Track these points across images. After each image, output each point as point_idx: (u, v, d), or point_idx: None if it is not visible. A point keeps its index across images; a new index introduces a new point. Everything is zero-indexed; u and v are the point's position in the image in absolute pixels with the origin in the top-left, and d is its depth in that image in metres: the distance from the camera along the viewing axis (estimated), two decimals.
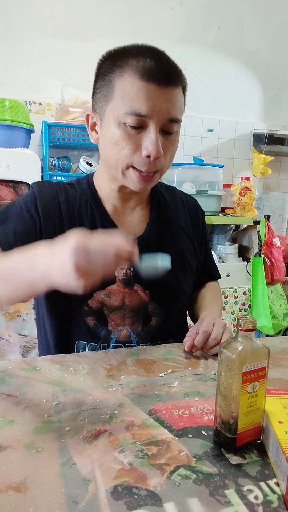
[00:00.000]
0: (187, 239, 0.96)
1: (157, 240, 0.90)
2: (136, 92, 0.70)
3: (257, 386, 0.49)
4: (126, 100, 0.71)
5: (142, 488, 0.43)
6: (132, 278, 0.86)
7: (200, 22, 2.60)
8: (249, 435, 0.50)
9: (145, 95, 0.70)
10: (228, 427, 0.49)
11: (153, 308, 0.88)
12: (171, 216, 0.94)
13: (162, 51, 0.75)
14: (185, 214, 0.98)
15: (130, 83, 0.70)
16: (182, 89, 0.76)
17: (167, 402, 0.60)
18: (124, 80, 0.71)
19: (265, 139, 2.66)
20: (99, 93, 0.77)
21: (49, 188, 0.85)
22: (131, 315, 0.87)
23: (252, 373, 0.48)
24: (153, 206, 0.92)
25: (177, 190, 1.02)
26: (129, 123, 0.71)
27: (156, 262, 0.67)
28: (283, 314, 2.35)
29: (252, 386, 0.49)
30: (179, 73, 0.75)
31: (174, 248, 0.91)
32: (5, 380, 0.67)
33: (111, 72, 0.73)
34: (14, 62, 2.29)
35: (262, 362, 0.49)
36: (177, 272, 0.91)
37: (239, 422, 0.49)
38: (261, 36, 2.75)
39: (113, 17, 2.40)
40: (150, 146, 0.71)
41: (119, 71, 0.72)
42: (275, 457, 0.47)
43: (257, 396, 0.49)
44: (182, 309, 0.98)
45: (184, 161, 2.62)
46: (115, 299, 0.86)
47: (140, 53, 0.71)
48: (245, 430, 0.49)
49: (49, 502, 0.41)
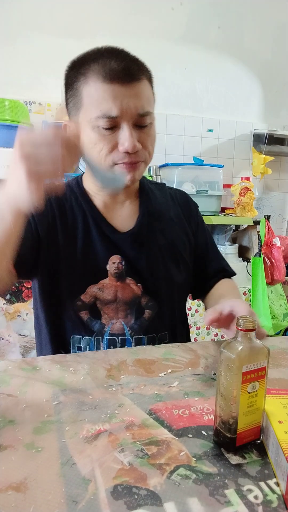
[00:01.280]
0: (179, 231, 0.96)
1: (148, 232, 0.91)
2: (102, 96, 0.73)
3: (257, 386, 0.49)
4: (95, 105, 0.74)
5: (142, 488, 0.43)
6: (124, 271, 0.87)
7: (200, 22, 2.60)
8: (249, 435, 0.50)
9: (111, 97, 0.72)
10: (228, 427, 0.49)
11: (146, 301, 0.89)
12: (161, 209, 0.95)
13: (122, 49, 0.77)
14: (175, 207, 0.98)
15: (95, 88, 0.73)
16: (147, 80, 0.78)
17: (167, 402, 0.61)
18: (89, 86, 0.74)
19: (265, 139, 2.66)
20: (70, 103, 0.80)
21: None
22: (124, 308, 0.88)
23: (252, 373, 0.48)
24: (142, 199, 0.93)
25: (166, 186, 1.03)
26: (102, 126, 0.74)
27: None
28: (283, 314, 2.35)
29: (252, 386, 0.49)
30: (140, 67, 0.77)
31: (165, 240, 0.92)
32: (5, 380, 0.67)
33: (77, 80, 0.76)
34: (14, 62, 2.29)
35: (262, 362, 0.49)
36: (168, 264, 0.92)
37: (239, 422, 0.49)
38: (261, 36, 2.75)
39: (113, 17, 2.40)
40: (125, 143, 0.74)
41: (83, 78, 0.75)
42: (275, 457, 0.47)
43: (257, 396, 0.49)
44: (178, 302, 0.97)
45: (184, 161, 2.62)
46: (107, 293, 0.87)
47: (100, 57, 0.74)
48: (245, 430, 0.50)
49: (49, 501, 0.41)
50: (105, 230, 0.88)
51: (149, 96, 0.79)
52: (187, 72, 2.64)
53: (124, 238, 0.88)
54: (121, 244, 0.88)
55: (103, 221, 0.88)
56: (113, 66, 0.72)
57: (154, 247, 0.91)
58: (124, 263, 0.87)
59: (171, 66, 2.58)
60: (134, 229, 0.89)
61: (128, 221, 0.90)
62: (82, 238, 0.86)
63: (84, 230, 0.87)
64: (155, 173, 2.41)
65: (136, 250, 0.89)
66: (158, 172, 2.42)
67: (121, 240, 0.88)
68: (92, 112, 0.74)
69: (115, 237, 0.88)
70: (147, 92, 0.78)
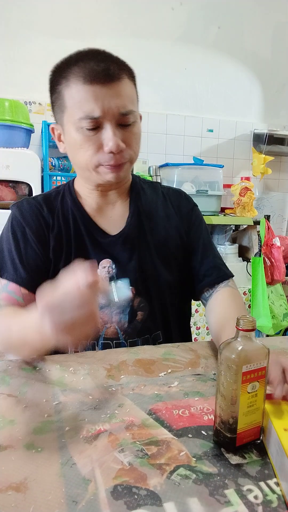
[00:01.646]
0: (171, 230, 0.95)
1: (138, 232, 0.91)
2: (84, 97, 0.74)
3: (257, 386, 0.49)
4: (77, 107, 0.74)
5: (142, 488, 0.43)
6: (115, 275, 0.88)
7: (200, 22, 2.60)
8: (249, 435, 0.50)
9: (92, 98, 0.73)
10: (228, 427, 0.49)
11: (138, 303, 0.89)
12: (151, 208, 0.95)
13: (102, 50, 0.78)
14: (167, 206, 0.98)
15: (76, 90, 0.74)
16: (128, 78, 0.78)
17: (167, 402, 0.61)
18: (71, 89, 0.75)
19: (265, 139, 2.66)
20: (56, 106, 0.81)
21: (28, 207, 0.89)
22: (117, 312, 0.88)
23: (252, 373, 0.48)
24: (131, 199, 0.93)
25: (160, 185, 1.02)
26: (86, 127, 0.75)
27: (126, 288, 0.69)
28: (283, 314, 2.35)
29: (252, 386, 0.49)
30: (121, 66, 0.77)
31: (154, 239, 0.92)
32: (5, 380, 0.67)
33: (59, 84, 0.77)
34: (14, 62, 2.29)
35: (262, 362, 0.49)
36: (158, 263, 0.92)
37: (239, 422, 0.49)
38: (261, 36, 2.75)
39: (113, 17, 2.40)
40: (109, 143, 0.75)
41: (65, 81, 0.76)
42: (276, 457, 0.47)
43: (256, 396, 0.49)
44: (170, 301, 0.94)
45: (184, 161, 2.62)
46: (101, 297, 0.87)
47: (80, 59, 0.75)
48: (245, 430, 0.49)
49: (49, 502, 0.41)
50: (95, 235, 0.88)
51: (131, 94, 0.78)
52: (187, 72, 2.64)
53: (114, 240, 0.89)
54: (111, 247, 0.89)
55: (93, 226, 0.89)
56: (93, 67, 0.73)
57: (144, 247, 0.91)
58: (114, 267, 0.88)
59: (171, 66, 2.59)
60: (123, 231, 0.90)
61: (119, 222, 0.91)
62: (75, 244, 0.88)
63: (76, 236, 0.88)
64: (155, 173, 2.41)
65: (127, 252, 0.89)
66: (158, 172, 2.42)
67: (112, 243, 0.89)
68: (75, 114, 0.75)
69: (105, 240, 0.89)
70: (129, 91, 0.77)
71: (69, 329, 0.54)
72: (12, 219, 0.88)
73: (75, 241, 0.88)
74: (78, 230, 0.88)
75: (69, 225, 0.89)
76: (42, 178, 2.08)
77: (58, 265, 0.87)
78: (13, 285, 0.83)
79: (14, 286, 0.83)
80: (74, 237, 0.88)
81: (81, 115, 0.74)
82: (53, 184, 2.16)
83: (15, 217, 0.87)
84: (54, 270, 0.87)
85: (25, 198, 0.91)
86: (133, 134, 0.80)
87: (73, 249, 0.87)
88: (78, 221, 0.89)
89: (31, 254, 0.85)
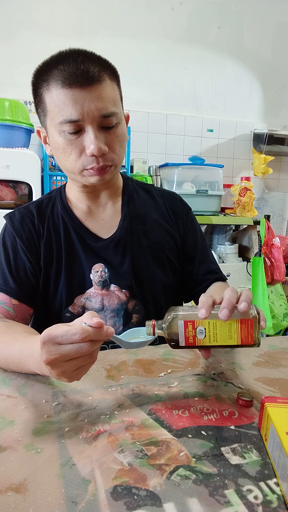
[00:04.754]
0: (165, 233, 0.95)
1: (130, 235, 0.91)
2: (63, 101, 0.72)
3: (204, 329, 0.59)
4: (58, 111, 0.74)
5: (141, 489, 0.43)
6: (108, 279, 0.88)
7: (200, 22, 2.60)
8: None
9: (71, 101, 0.72)
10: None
11: (133, 305, 0.89)
12: (144, 210, 0.95)
13: (84, 51, 0.76)
14: (160, 208, 0.97)
15: (56, 94, 0.73)
16: (110, 79, 0.76)
17: (166, 402, 0.60)
18: (51, 93, 0.74)
19: (265, 139, 2.66)
20: (39, 109, 0.81)
21: (20, 217, 0.89)
22: (112, 315, 0.88)
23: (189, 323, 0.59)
24: (123, 201, 0.93)
25: (154, 187, 1.02)
26: (67, 131, 0.74)
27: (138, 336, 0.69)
28: (283, 314, 2.35)
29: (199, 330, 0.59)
30: (102, 67, 0.74)
31: (148, 241, 0.92)
32: (5, 380, 0.67)
33: (40, 87, 0.76)
34: (14, 62, 2.29)
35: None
36: (152, 265, 0.92)
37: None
38: (261, 36, 2.75)
39: (113, 17, 2.40)
40: (91, 146, 0.74)
41: (46, 85, 0.75)
42: (278, 461, 0.46)
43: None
44: (166, 303, 0.94)
45: (184, 161, 2.62)
46: (94, 302, 0.88)
47: (60, 62, 0.73)
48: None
49: (49, 502, 0.41)
50: (86, 239, 0.88)
51: (113, 96, 0.76)
52: (187, 72, 2.64)
53: (106, 244, 0.89)
54: (103, 251, 0.88)
55: (83, 230, 0.89)
56: (72, 70, 0.71)
57: (137, 250, 0.91)
58: (107, 271, 0.88)
59: (171, 66, 2.59)
60: (115, 234, 0.89)
61: (111, 225, 0.91)
62: (66, 250, 0.88)
63: (67, 242, 0.88)
64: (155, 173, 2.41)
65: (119, 255, 0.89)
66: (158, 172, 2.42)
67: (104, 247, 0.89)
68: (56, 117, 0.74)
69: (97, 245, 0.88)
70: (110, 92, 0.75)
71: (64, 364, 0.52)
72: (4, 229, 0.89)
73: (66, 247, 0.88)
74: (68, 236, 0.88)
75: (59, 231, 0.88)
76: (42, 178, 2.08)
77: (49, 272, 0.87)
78: (4, 295, 0.84)
79: (5, 297, 0.83)
80: (65, 243, 0.88)
81: (61, 119, 0.73)
82: (53, 184, 2.16)
83: (7, 228, 0.88)
84: (45, 276, 0.87)
85: (18, 208, 0.91)
86: (116, 136, 0.78)
87: (63, 255, 0.87)
88: (68, 226, 0.89)
89: (21, 265, 0.86)
